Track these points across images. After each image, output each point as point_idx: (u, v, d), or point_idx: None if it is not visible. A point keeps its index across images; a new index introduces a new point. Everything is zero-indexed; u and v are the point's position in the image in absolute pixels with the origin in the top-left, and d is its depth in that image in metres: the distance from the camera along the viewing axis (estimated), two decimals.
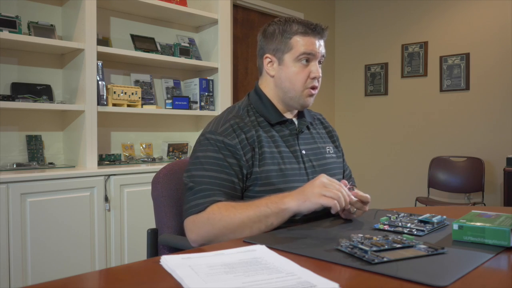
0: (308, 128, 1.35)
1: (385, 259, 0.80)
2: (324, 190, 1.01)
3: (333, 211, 1.02)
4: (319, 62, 1.28)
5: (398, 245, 0.87)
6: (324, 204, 1.00)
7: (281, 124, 1.28)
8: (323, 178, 1.04)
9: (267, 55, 1.29)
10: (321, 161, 1.31)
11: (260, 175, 1.18)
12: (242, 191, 1.19)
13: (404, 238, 0.91)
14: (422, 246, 0.87)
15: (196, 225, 1.09)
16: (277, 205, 1.03)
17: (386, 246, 0.86)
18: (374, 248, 0.84)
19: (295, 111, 1.34)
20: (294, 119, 1.33)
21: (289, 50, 1.24)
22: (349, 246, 0.87)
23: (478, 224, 0.93)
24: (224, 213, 1.06)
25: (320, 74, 1.27)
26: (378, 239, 0.90)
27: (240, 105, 1.30)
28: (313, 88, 1.26)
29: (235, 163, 1.16)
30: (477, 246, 0.90)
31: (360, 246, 0.86)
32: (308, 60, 1.24)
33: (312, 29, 1.24)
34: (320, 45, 1.26)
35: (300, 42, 1.23)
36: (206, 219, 1.07)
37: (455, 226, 0.96)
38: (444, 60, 4.10)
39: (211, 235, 1.07)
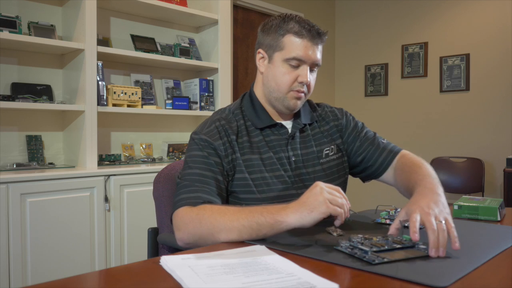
0: (303, 131, 1.28)
1: (385, 260, 0.80)
2: (330, 197, 0.92)
3: (338, 222, 0.95)
4: (312, 69, 1.20)
5: (398, 246, 0.87)
6: (332, 213, 0.92)
7: (271, 128, 1.23)
8: (322, 184, 0.94)
9: (260, 50, 1.24)
10: (314, 167, 1.24)
11: (242, 182, 1.16)
12: (227, 191, 1.17)
13: (404, 239, 0.91)
14: (422, 246, 0.87)
15: (183, 221, 1.03)
16: (274, 216, 0.93)
17: (386, 247, 0.86)
18: (374, 249, 0.84)
19: (290, 113, 1.27)
20: (289, 122, 1.27)
21: (280, 49, 1.18)
22: (349, 247, 0.87)
23: (473, 204, 1.25)
24: (215, 212, 1.00)
25: (309, 80, 1.19)
26: (378, 239, 0.90)
27: (231, 108, 1.27)
28: (299, 91, 1.19)
29: (219, 162, 1.14)
30: (477, 244, 0.91)
31: (360, 246, 0.85)
32: (297, 65, 1.17)
33: (307, 31, 1.16)
34: (313, 51, 1.17)
35: (292, 45, 1.16)
36: (195, 215, 1.01)
37: (456, 207, 1.29)
38: (444, 61, 4.10)
39: (198, 232, 1.00)
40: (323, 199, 0.91)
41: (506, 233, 1.03)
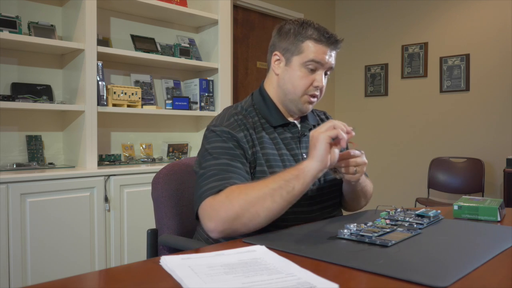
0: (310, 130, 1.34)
1: (394, 242, 0.90)
2: (322, 130, 1.03)
3: (342, 142, 1.02)
4: (326, 73, 1.27)
5: (388, 230, 0.99)
6: (332, 136, 1.01)
7: (283, 126, 1.28)
8: (314, 133, 1.05)
9: (276, 52, 1.28)
10: None
11: (261, 175, 1.17)
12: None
13: (382, 223, 1.05)
14: (400, 229, 1.01)
15: (214, 208, 1.03)
16: (296, 167, 1.03)
17: (381, 232, 0.96)
18: (376, 234, 0.93)
19: (300, 115, 1.33)
20: (297, 122, 1.32)
21: (298, 53, 1.23)
22: (353, 233, 0.96)
23: (473, 204, 1.20)
24: (242, 188, 1.03)
25: (324, 85, 1.26)
26: (365, 226, 1.01)
27: (243, 105, 1.29)
28: (313, 96, 1.26)
29: (243, 154, 1.16)
30: (477, 244, 0.91)
31: (362, 233, 0.94)
32: (314, 68, 1.23)
33: (327, 38, 1.23)
34: (330, 56, 1.24)
35: (311, 48, 1.21)
36: (225, 197, 1.03)
37: (456, 207, 1.22)
38: (444, 61, 4.10)
39: (232, 214, 1.00)
40: (317, 134, 1.02)
41: (506, 233, 1.03)
